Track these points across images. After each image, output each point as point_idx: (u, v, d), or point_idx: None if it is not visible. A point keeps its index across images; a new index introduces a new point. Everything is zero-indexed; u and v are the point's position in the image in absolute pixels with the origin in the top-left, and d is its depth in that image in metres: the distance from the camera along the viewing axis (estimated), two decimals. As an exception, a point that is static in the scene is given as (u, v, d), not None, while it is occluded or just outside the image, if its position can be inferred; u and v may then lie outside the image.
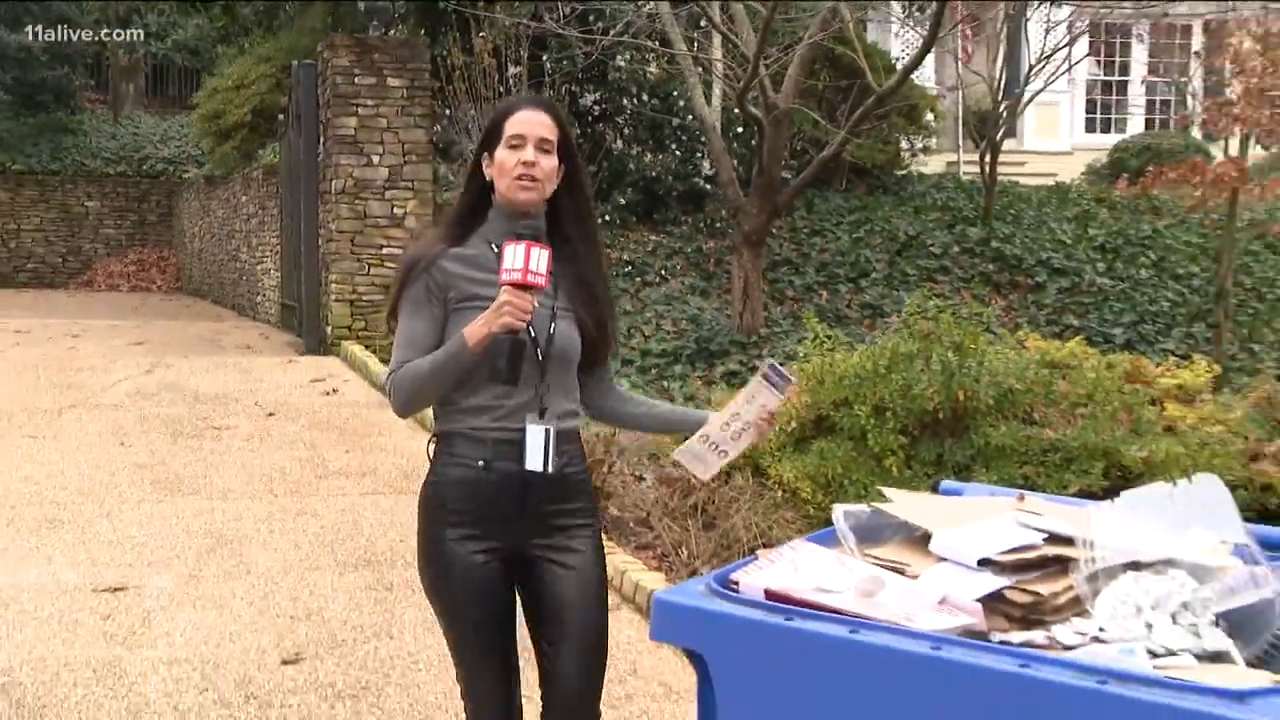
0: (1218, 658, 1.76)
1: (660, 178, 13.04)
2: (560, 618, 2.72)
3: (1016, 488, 2.55)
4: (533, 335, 2.65)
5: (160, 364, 10.30)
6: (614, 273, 11.60)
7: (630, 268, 12.31)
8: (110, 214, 21.03)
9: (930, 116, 15.94)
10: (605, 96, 13.04)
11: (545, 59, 12.46)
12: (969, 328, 6.13)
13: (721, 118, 11.77)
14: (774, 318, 11.47)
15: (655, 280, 12.20)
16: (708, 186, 13.18)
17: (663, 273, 12.35)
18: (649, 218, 13.21)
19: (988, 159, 14.27)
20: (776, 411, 2.74)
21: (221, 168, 16.27)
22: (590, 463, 3.30)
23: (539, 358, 2.68)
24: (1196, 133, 17.64)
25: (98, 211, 20.97)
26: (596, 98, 12.99)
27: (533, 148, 2.67)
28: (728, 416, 2.72)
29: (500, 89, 11.55)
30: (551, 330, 2.70)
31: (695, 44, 12.03)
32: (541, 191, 2.70)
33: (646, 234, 13.01)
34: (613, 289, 2.98)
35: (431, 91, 11.43)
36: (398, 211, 11.12)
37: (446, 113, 12.00)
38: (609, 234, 12.21)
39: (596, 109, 12.99)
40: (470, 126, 11.68)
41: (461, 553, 2.69)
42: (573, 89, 12.73)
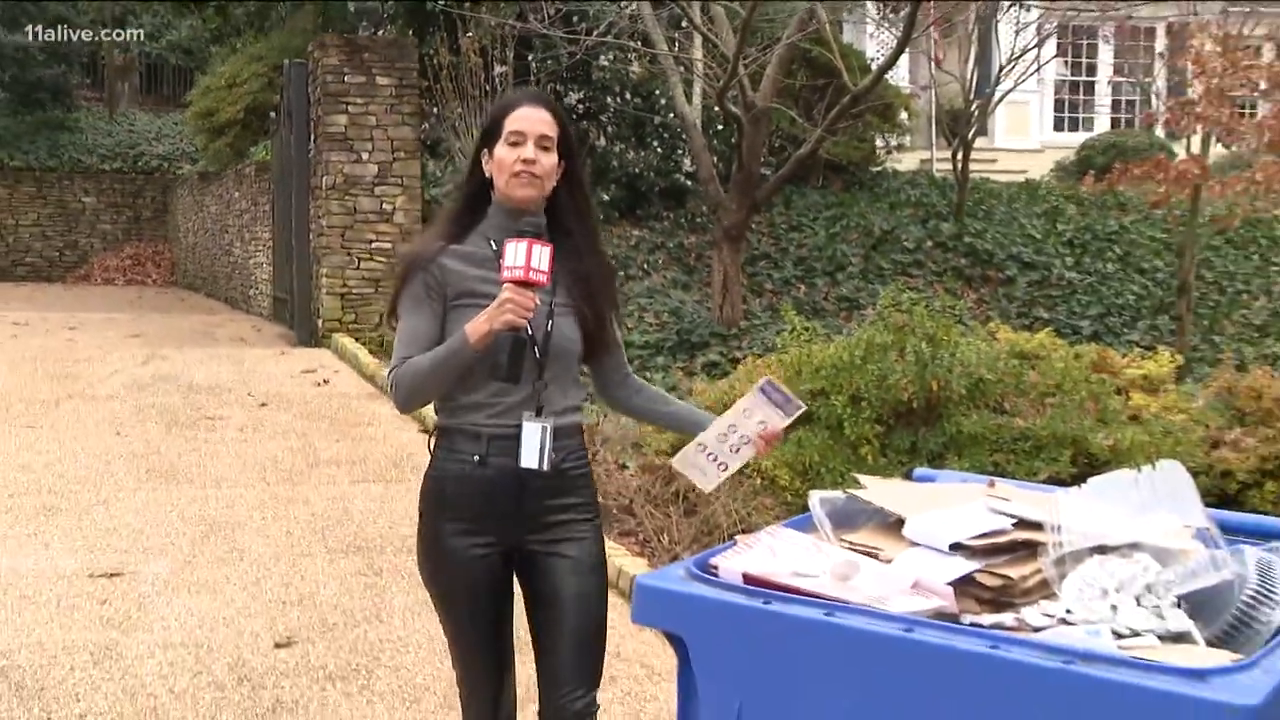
0: (1180, 638, 1.77)
1: (643, 174, 13.02)
2: (557, 612, 2.68)
3: (987, 475, 2.56)
4: (530, 333, 2.59)
5: (155, 356, 10.25)
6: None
7: (613, 262, 12.26)
8: (106, 209, 20.89)
9: (904, 115, 15.96)
10: (589, 95, 13.02)
11: (531, 59, 12.43)
12: (942, 320, 6.15)
13: (702, 116, 11.77)
14: (753, 310, 11.47)
15: (638, 274, 12.19)
16: (689, 183, 13.18)
17: (645, 267, 12.34)
18: (632, 213, 13.19)
19: (960, 156, 14.27)
20: (781, 432, 2.66)
21: (215, 164, 16.19)
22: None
23: (537, 355, 2.62)
24: (1160, 131, 17.68)
25: (94, 207, 20.83)
26: (581, 96, 12.97)
27: (533, 145, 2.61)
28: (724, 428, 2.65)
29: (486, 88, 11.53)
30: (549, 328, 2.65)
31: (676, 44, 12.00)
32: (541, 189, 2.65)
33: (629, 229, 13.00)
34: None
35: (419, 90, 11.40)
36: (387, 207, 11.10)
37: (434, 111, 11.97)
38: (593, 229, 12.17)
39: (581, 107, 12.97)
40: (457, 124, 11.65)
41: (459, 546, 2.66)
42: (557, 88, 12.69)
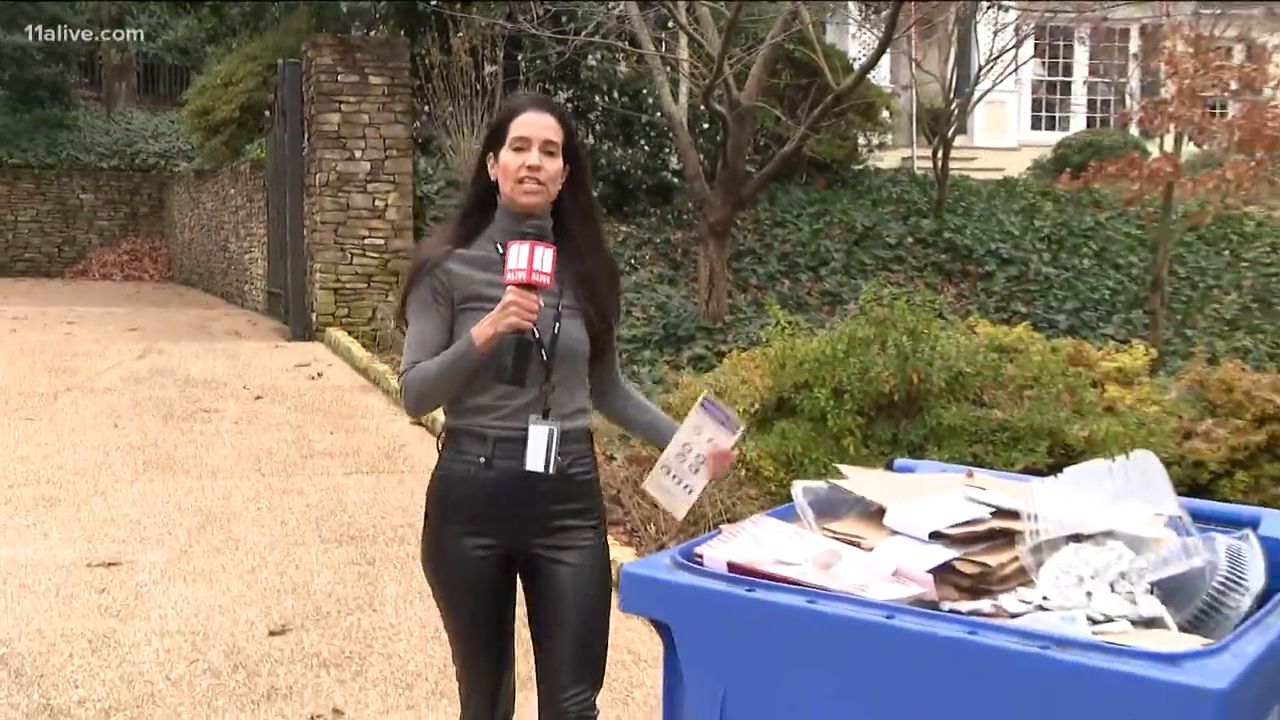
0: (1152, 623, 1.78)
1: (630, 172, 13.00)
2: (558, 616, 2.64)
3: (966, 465, 2.56)
4: (537, 335, 2.55)
5: (152, 349, 10.22)
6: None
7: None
8: (104, 206, 20.80)
9: (886, 114, 15.95)
10: (577, 94, 13.00)
11: (520, 58, 12.40)
12: (922, 314, 6.14)
13: (688, 114, 11.73)
14: (738, 305, 11.47)
15: (625, 270, 12.16)
16: (675, 180, 13.17)
17: (632, 262, 12.32)
18: (619, 210, 13.17)
19: (940, 154, 14.29)
20: (730, 451, 2.61)
21: (210, 162, 16.13)
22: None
23: (544, 357, 2.57)
24: (1134, 130, 17.72)
25: (92, 204, 20.74)
26: (569, 95, 12.95)
27: (537, 151, 2.56)
28: (680, 446, 2.61)
29: (477, 87, 11.51)
30: (556, 329, 2.60)
31: (663, 44, 11.99)
32: (546, 194, 2.60)
33: (617, 225, 12.97)
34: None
35: (411, 89, 11.37)
36: (379, 204, 11.07)
37: (426, 109, 11.95)
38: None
39: (569, 106, 12.95)
40: (448, 123, 11.63)
41: (462, 547, 2.63)
42: (546, 87, 12.68)
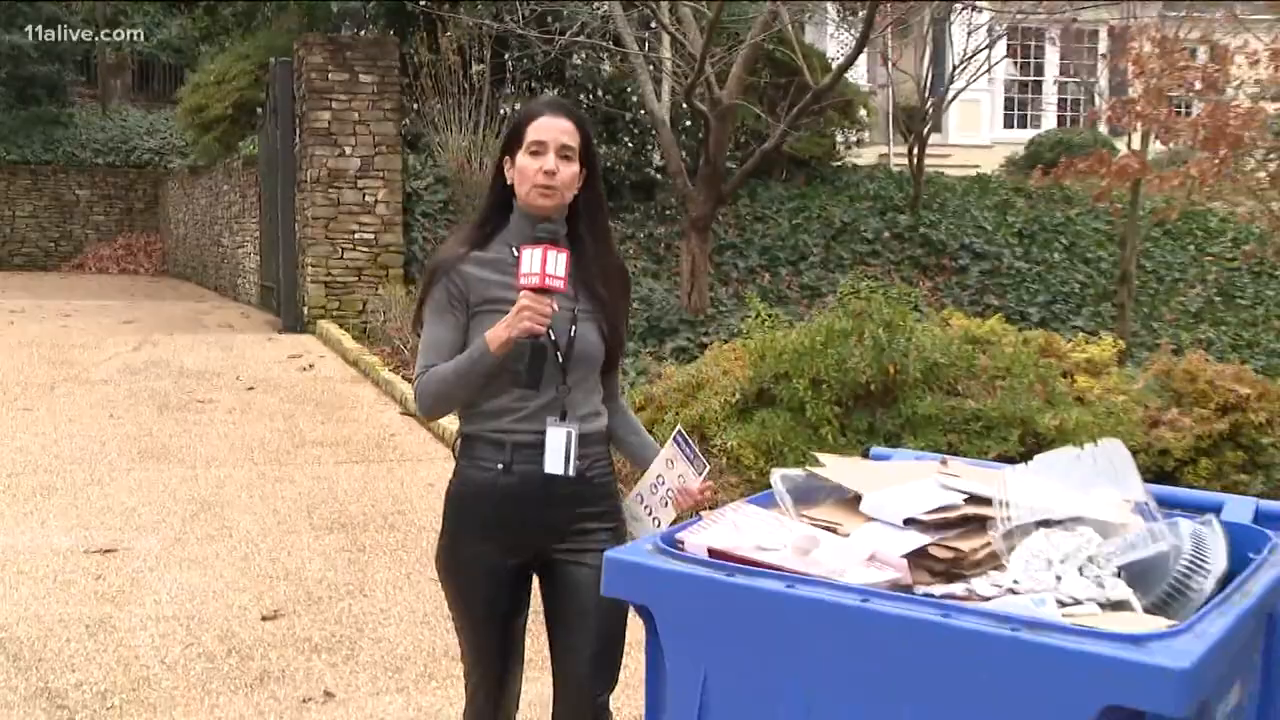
0: (1119, 606, 1.78)
1: (614, 168, 12.96)
2: (580, 619, 2.56)
3: (940, 453, 2.56)
4: (553, 338, 2.50)
5: (148, 342, 10.17)
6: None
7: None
8: (100, 201, 20.70)
9: (863, 112, 15.94)
10: (563, 93, 12.92)
11: (507, 57, 12.36)
12: (898, 307, 6.14)
13: (671, 112, 11.71)
14: (719, 298, 11.47)
15: (610, 263, 12.15)
16: (658, 176, 13.14)
17: (617, 256, 12.31)
18: (604, 205, 13.15)
19: (915, 152, 14.30)
20: (698, 493, 2.50)
21: (204, 158, 16.04)
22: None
23: (559, 360, 2.52)
24: (1103, 128, 17.81)
25: (88, 199, 20.64)
26: (555, 94, 12.91)
27: (554, 155, 2.53)
28: (653, 478, 2.57)
29: (465, 85, 11.47)
30: (572, 333, 2.54)
31: (646, 44, 11.96)
32: (561, 198, 2.56)
33: (602, 220, 12.96)
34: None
35: (400, 87, 11.34)
36: (369, 199, 11.05)
37: (415, 107, 11.90)
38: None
39: (555, 105, 12.91)
40: (437, 120, 11.59)
41: (478, 554, 2.56)
42: (532, 85, 12.64)
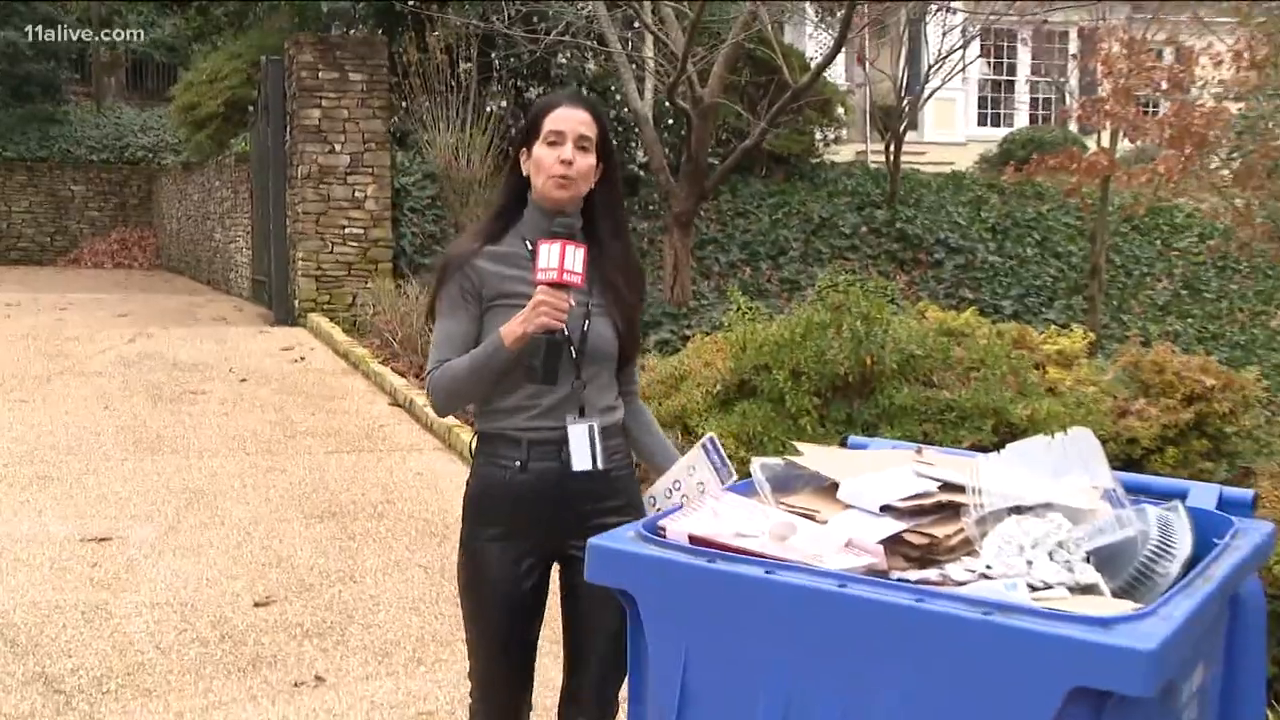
0: (1088, 590, 1.79)
1: (598, 165, 12.97)
2: (599, 617, 2.48)
3: (916, 442, 2.56)
4: (567, 334, 2.42)
5: (142, 334, 10.12)
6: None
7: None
8: (94, 197, 20.58)
9: (841, 110, 15.95)
10: (548, 90, 12.93)
11: (493, 56, 12.32)
12: (875, 300, 6.14)
13: (653, 110, 11.69)
14: (701, 291, 11.48)
15: (594, 258, 12.14)
16: (641, 173, 13.12)
17: (601, 251, 12.30)
18: (589, 201, 13.13)
19: (892, 149, 14.33)
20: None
21: (197, 155, 15.95)
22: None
23: (574, 355, 2.45)
24: (1073, 126, 17.88)
25: (83, 195, 20.51)
26: (539, 92, 12.86)
27: (571, 145, 2.44)
28: (671, 481, 2.52)
29: (452, 83, 11.43)
30: (585, 328, 2.48)
31: (629, 43, 11.94)
32: (578, 190, 2.47)
33: (586, 216, 12.94)
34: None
35: (389, 85, 11.31)
36: (358, 195, 11.03)
37: (403, 105, 11.86)
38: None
39: (539, 102, 12.88)
40: (425, 117, 11.55)
41: (496, 555, 2.48)
42: (518, 84, 12.61)
